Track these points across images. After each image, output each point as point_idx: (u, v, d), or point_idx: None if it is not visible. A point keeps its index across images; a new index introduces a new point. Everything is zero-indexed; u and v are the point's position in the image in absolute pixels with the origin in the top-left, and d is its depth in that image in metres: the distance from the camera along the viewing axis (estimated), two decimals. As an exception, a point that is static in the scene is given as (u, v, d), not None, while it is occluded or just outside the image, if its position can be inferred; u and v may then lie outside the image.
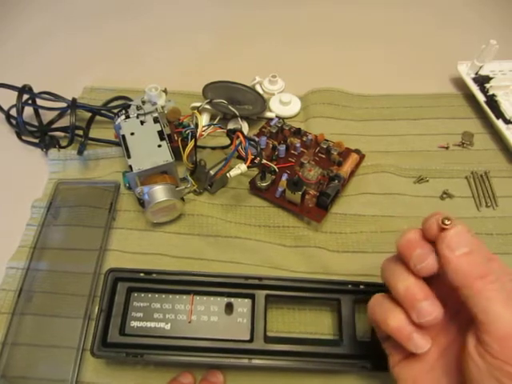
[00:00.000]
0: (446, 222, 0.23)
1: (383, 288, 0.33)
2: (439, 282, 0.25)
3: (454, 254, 0.22)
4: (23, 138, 0.48)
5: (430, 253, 0.24)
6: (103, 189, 0.42)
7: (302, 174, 0.41)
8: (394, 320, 0.25)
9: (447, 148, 0.47)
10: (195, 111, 0.44)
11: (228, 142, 0.43)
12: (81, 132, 0.45)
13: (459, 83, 0.54)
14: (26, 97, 0.45)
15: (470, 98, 0.51)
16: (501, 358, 0.21)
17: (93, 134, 0.47)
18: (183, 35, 0.63)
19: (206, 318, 0.32)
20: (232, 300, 0.33)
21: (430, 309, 0.23)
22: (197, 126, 0.43)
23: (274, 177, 0.42)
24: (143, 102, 0.42)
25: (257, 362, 0.30)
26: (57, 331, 0.33)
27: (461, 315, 0.25)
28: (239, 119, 0.47)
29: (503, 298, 0.22)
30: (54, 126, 0.48)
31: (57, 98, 0.45)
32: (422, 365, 0.25)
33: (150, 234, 0.39)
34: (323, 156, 0.44)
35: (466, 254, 0.22)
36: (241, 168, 0.37)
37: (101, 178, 0.43)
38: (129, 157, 0.38)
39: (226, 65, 0.57)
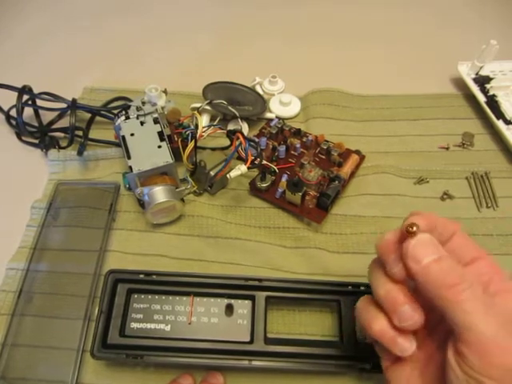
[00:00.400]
0: (410, 229, 0.22)
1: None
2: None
3: (419, 265, 0.22)
4: (23, 138, 0.48)
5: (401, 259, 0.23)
6: (103, 190, 0.42)
7: (302, 174, 0.41)
8: (378, 324, 0.24)
9: (447, 149, 0.47)
10: (195, 112, 0.44)
11: (228, 142, 0.43)
12: (81, 133, 0.45)
13: (459, 83, 0.54)
14: (25, 97, 0.45)
15: (471, 98, 0.51)
16: (478, 371, 0.20)
17: (93, 134, 0.47)
18: (183, 35, 0.62)
19: (206, 319, 0.32)
20: (232, 301, 0.33)
21: (411, 313, 0.23)
22: (197, 126, 0.43)
23: (274, 178, 0.42)
24: (143, 103, 0.42)
25: (257, 363, 0.30)
26: (57, 332, 0.33)
27: (446, 321, 0.24)
28: (239, 120, 0.47)
29: (478, 307, 0.21)
30: (54, 126, 0.48)
31: (57, 98, 0.45)
32: (411, 369, 0.25)
33: (150, 235, 0.39)
34: (323, 157, 0.44)
35: (432, 263, 0.22)
36: (241, 169, 0.37)
37: (101, 178, 0.43)
38: (129, 158, 0.38)
39: (226, 65, 0.57)
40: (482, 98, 0.49)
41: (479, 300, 0.21)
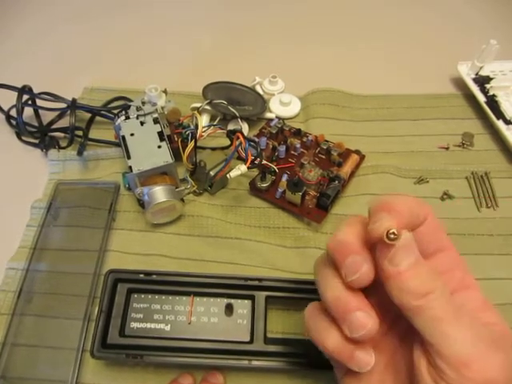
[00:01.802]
0: (392, 236, 0.19)
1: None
2: (376, 285, 0.21)
3: (397, 269, 0.19)
4: (23, 138, 0.47)
5: (365, 261, 0.20)
6: (103, 189, 0.42)
7: (302, 174, 0.41)
8: (330, 340, 0.21)
9: (447, 148, 0.47)
10: (195, 112, 0.44)
11: (228, 142, 0.43)
12: (81, 133, 0.45)
13: (459, 83, 0.54)
14: (25, 97, 0.45)
15: (471, 98, 0.51)
16: None
17: (92, 134, 0.47)
18: (183, 35, 0.62)
19: (205, 319, 0.32)
20: (232, 301, 0.33)
21: (363, 320, 0.20)
22: (197, 126, 0.43)
23: (274, 178, 0.42)
24: (143, 103, 0.42)
25: (257, 363, 0.30)
26: (56, 332, 0.33)
27: (403, 320, 0.21)
28: (239, 120, 0.47)
29: (451, 316, 0.19)
30: (54, 126, 0.48)
31: (57, 98, 0.45)
32: (369, 377, 0.22)
33: (149, 234, 0.39)
34: (323, 157, 0.44)
35: (410, 268, 0.19)
36: (241, 169, 0.37)
37: (101, 178, 0.43)
38: (129, 157, 0.38)
39: (226, 65, 0.57)
40: (481, 98, 0.49)
41: (451, 306, 0.19)
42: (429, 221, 0.22)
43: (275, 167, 0.42)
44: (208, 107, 0.47)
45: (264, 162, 0.42)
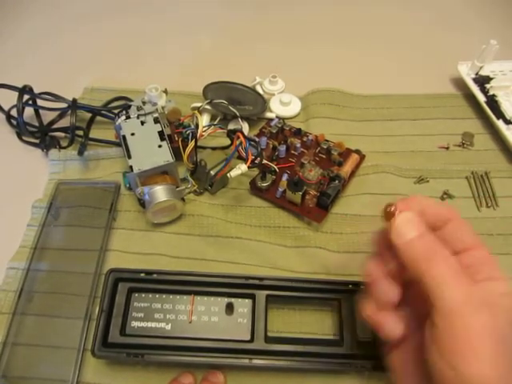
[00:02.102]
0: (388, 209, 0.24)
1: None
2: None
3: (402, 240, 0.24)
4: (24, 138, 0.48)
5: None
6: (104, 189, 0.42)
7: (303, 174, 0.41)
8: (366, 309, 0.27)
9: (447, 148, 0.47)
10: (196, 111, 0.44)
11: (228, 142, 0.43)
12: (81, 132, 0.45)
13: (459, 83, 0.54)
14: (26, 97, 0.45)
15: (471, 98, 0.51)
16: (441, 341, 0.21)
17: (93, 134, 0.47)
18: (183, 35, 0.63)
19: (206, 318, 0.33)
20: (232, 300, 0.33)
21: (386, 288, 0.25)
22: (197, 126, 0.43)
23: (274, 177, 0.42)
24: (143, 103, 0.42)
25: (257, 362, 0.30)
26: (57, 331, 0.33)
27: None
28: (239, 120, 0.47)
29: (452, 274, 0.22)
30: (55, 126, 0.48)
31: (57, 98, 0.45)
32: (404, 354, 0.26)
33: (150, 234, 0.39)
34: (323, 156, 0.44)
35: (414, 239, 0.23)
36: (241, 168, 0.38)
37: (101, 178, 0.43)
38: (129, 157, 0.38)
39: (227, 65, 0.57)
40: (481, 98, 0.49)
41: (454, 267, 0.22)
42: (454, 222, 0.25)
43: (275, 167, 0.42)
44: (208, 107, 0.47)
45: (264, 161, 0.42)
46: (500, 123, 0.47)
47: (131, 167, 0.37)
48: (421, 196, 0.26)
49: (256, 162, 0.39)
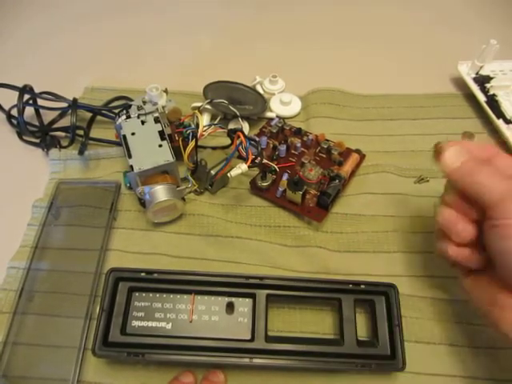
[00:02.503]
0: (439, 147, 0.29)
1: (383, 288, 0.33)
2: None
3: (452, 166, 0.28)
4: (24, 138, 0.48)
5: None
6: (104, 189, 0.42)
7: (303, 173, 0.41)
8: (447, 248, 0.30)
9: (448, 148, 0.47)
10: (196, 111, 0.44)
11: (229, 141, 0.43)
12: (82, 132, 0.45)
13: (459, 83, 0.54)
14: (26, 97, 0.45)
15: (471, 97, 0.51)
16: (496, 221, 0.25)
17: (94, 133, 0.47)
18: (184, 35, 0.63)
19: (207, 317, 0.33)
20: (233, 299, 0.33)
21: (462, 227, 0.29)
22: (197, 126, 0.43)
23: (274, 177, 0.42)
24: (144, 102, 0.42)
25: (258, 361, 0.30)
26: (58, 331, 0.33)
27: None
28: (240, 119, 0.47)
29: (495, 178, 0.26)
30: (55, 126, 0.48)
31: (58, 98, 0.45)
32: (478, 280, 0.30)
33: (150, 233, 0.39)
34: (324, 156, 0.44)
35: (462, 163, 0.28)
36: (241, 168, 0.38)
37: (102, 177, 0.43)
38: (130, 157, 0.38)
39: (227, 65, 0.57)
40: (482, 98, 0.49)
41: (495, 177, 0.26)
42: (498, 157, 0.29)
43: (276, 166, 0.42)
44: (209, 106, 0.47)
45: (264, 161, 0.42)
46: (500, 123, 0.47)
47: (132, 167, 0.37)
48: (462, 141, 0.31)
49: (256, 161, 0.39)
